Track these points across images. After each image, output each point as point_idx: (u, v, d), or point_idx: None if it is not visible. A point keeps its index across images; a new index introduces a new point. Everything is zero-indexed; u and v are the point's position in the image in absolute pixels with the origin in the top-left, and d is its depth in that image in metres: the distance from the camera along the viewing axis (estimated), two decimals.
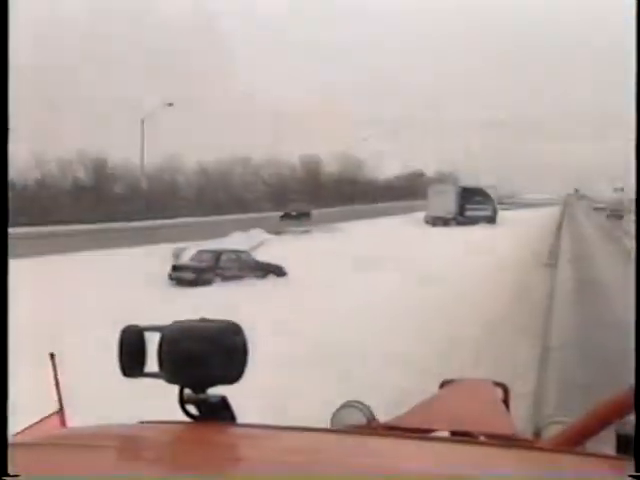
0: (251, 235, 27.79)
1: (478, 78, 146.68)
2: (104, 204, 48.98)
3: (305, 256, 22.40)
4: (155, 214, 45.93)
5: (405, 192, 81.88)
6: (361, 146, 77.30)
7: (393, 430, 1.43)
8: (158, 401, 2.02)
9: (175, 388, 1.10)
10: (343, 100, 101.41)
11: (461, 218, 46.76)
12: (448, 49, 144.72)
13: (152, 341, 1.12)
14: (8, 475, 0.79)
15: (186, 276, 16.67)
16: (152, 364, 1.12)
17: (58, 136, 48.09)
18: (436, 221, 46.48)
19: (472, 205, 47.34)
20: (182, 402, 1.11)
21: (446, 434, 1.42)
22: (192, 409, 1.11)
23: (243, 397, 1.44)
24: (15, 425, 1.31)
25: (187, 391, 1.11)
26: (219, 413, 1.12)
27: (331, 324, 10.49)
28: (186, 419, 1.11)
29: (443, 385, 1.94)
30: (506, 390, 1.85)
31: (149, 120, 44.23)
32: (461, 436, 1.36)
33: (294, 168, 76.12)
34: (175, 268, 17.11)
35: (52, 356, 2.03)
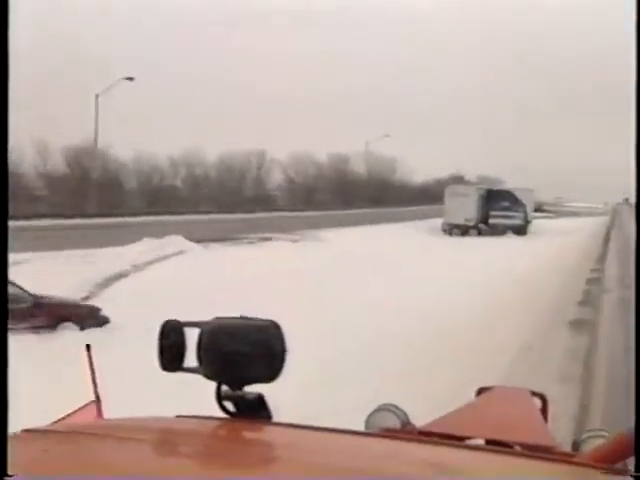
0: (165, 243, 19.91)
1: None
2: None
3: (203, 281, 14.52)
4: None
5: (435, 196, 73.77)
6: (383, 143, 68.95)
7: (428, 435, 1.37)
8: None
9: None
10: None
11: (484, 227, 38.04)
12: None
13: (191, 336, 1.09)
14: (8, 475, 0.77)
15: None
16: (191, 359, 1.09)
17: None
18: (453, 229, 37.94)
19: (498, 212, 38.42)
20: (219, 398, 1.11)
21: (481, 442, 1.37)
22: (229, 405, 1.11)
23: None
24: None
25: (225, 387, 1.10)
26: (255, 410, 1.11)
27: None
28: (223, 415, 1.10)
29: (480, 392, 1.88)
30: (544, 400, 1.79)
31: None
32: (496, 445, 1.31)
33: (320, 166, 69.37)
34: None
35: (88, 347, 1.93)
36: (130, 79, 35.84)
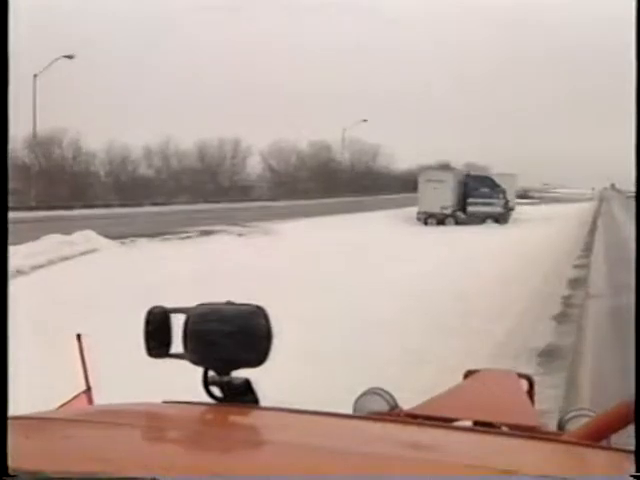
0: (72, 241, 16.80)
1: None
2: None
3: (97, 289, 11.44)
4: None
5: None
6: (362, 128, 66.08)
7: (415, 418, 1.39)
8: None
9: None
10: None
11: (461, 215, 35.14)
12: None
13: (177, 322, 1.10)
14: (8, 475, 0.76)
15: None
16: (177, 345, 1.09)
17: None
18: (428, 218, 35.00)
19: (476, 199, 35.48)
20: (206, 383, 1.10)
21: (469, 424, 1.39)
22: (216, 391, 1.10)
23: None
24: None
25: (211, 373, 1.09)
26: (242, 395, 1.10)
27: None
28: (210, 400, 1.10)
29: (467, 375, 1.88)
30: (531, 382, 1.81)
31: None
32: (484, 426, 1.34)
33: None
34: None
35: (79, 337, 1.88)
36: (69, 57, 32.57)
